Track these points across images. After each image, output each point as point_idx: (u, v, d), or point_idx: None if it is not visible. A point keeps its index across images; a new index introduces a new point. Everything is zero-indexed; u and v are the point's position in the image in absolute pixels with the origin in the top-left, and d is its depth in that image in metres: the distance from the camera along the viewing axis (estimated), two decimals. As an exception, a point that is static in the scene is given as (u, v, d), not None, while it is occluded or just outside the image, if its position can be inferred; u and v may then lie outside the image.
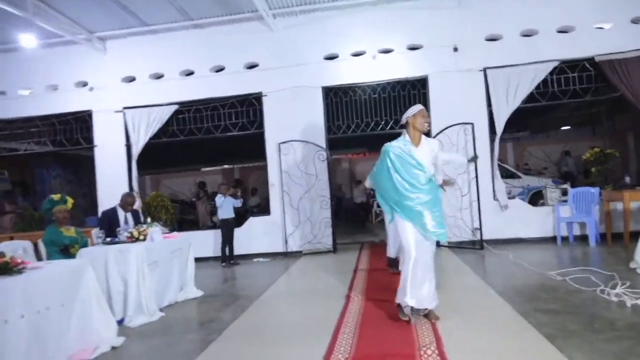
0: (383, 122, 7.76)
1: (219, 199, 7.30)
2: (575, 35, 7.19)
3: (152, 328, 4.08)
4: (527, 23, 7.31)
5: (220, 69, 8.11)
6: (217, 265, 7.40)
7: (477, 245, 7.11)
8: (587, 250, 6.31)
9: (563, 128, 14.98)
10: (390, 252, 5.79)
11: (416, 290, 3.52)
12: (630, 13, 7.06)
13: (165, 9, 7.40)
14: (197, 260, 5.57)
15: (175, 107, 8.11)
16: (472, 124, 7.06)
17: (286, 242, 7.72)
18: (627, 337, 2.95)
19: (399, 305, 3.64)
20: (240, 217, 8.34)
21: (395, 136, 3.82)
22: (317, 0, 7.48)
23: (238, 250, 7.62)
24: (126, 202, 5.63)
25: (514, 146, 15.58)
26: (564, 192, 7.88)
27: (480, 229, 7.03)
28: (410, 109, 3.66)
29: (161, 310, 4.54)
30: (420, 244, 3.56)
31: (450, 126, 7.20)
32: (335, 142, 8.37)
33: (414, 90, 7.67)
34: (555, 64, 7.19)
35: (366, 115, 7.82)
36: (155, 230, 4.81)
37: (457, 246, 7.21)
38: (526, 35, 7.34)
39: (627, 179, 6.67)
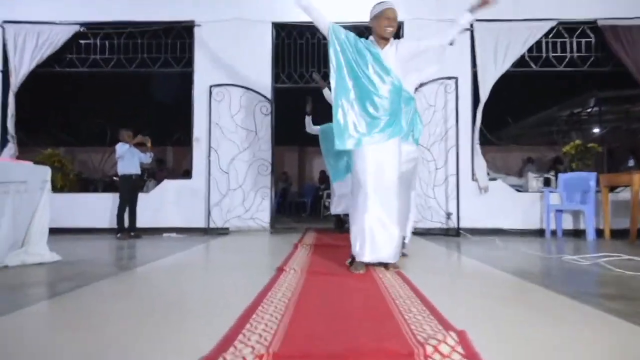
0: (345, 75, 6.22)
1: (121, 148, 5.39)
2: (577, -7, 6.09)
3: None
4: (523, -27, 6.12)
5: (142, -14, 6.26)
6: (111, 237, 5.45)
7: (451, 232, 5.69)
8: (587, 244, 5.04)
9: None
10: (337, 209, 5.33)
11: (375, 243, 2.75)
12: (637, -25, 6.06)
13: None
14: (86, 231, 3.73)
15: (77, 28, 6.14)
16: (455, 78, 5.68)
17: (209, 214, 5.90)
18: None
19: (352, 258, 2.90)
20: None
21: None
22: None
23: (142, 221, 5.72)
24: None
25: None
26: (547, 182, 6.67)
27: (458, 212, 5.61)
28: (373, 7, 2.90)
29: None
30: (382, 170, 2.78)
31: (428, 82, 5.78)
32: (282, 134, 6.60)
33: (386, 39, 6.20)
34: (552, 24, 6.03)
35: (325, 65, 6.25)
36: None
37: (426, 232, 5.74)
38: (521, -13, 6.14)
39: (631, 162, 5.55)
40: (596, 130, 16.17)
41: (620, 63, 6.01)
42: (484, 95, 5.98)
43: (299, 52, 6.25)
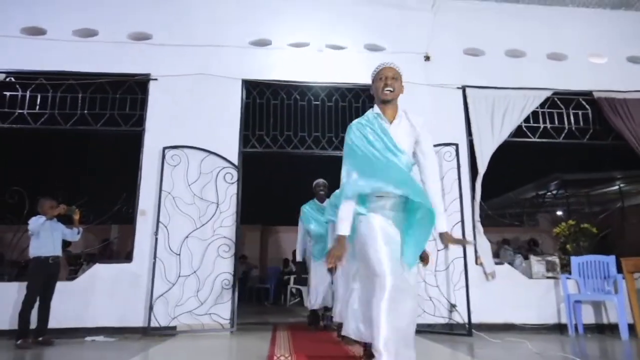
0: (325, 140, 5.40)
1: (34, 222, 4.11)
2: (568, 65, 5.77)
3: None
4: (513, 42, 5.79)
5: (90, 34, 5.37)
6: (9, 345, 3.95)
7: (458, 329, 4.61)
8: (632, 345, 4.09)
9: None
10: (312, 304, 4.90)
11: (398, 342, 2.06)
12: (625, 51, 5.88)
13: None
14: None
15: (1, 77, 5.08)
16: (455, 145, 4.96)
17: (150, 309, 4.54)
18: None
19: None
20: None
21: (340, 159, 2.51)
22: (251, -36, 5.40)
23: (60, 320, 4.30)
24: None
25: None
26: (552, 267, 5.84)
27: (468, 304, 4.56)
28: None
29: None
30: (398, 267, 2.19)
31: (422, 150, 5.04)
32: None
33: (371, 102, 5.52)
34: (548, 94, 5.60)
35: (302, 127, 5.42)
36: None
37: (428, 330, 4.62)
38: (512, 56, 5.78)
39: (654, 244, 4.86)
40: (559, 212, 16.22)
41: (620, 136, 5.59)
42: (482, 166, 5.28)
43: (272, 114, 5.42)
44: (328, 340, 4.17)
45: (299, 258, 5.25)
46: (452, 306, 4.76)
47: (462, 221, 4.75)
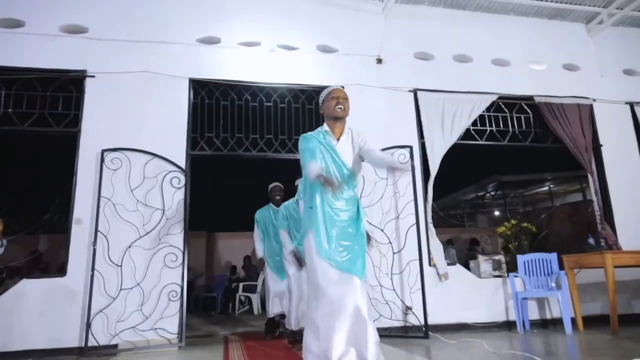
0: (278, 142, 5.23)
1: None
2: (511, 70, 6.01)
3: None
4: (460, 48, 5.94)
5: (15, 24, 4.85)
6: None
7: (414, 331, 4.60)
8: (577, 339, 4.27)
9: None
10: (273, 310, 4.74)
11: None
12: (561, 58, 6.22)
13: None
14: None
15: None
16: (410, 147, 4.98)
17: (88, 327, 4.13)
18: None
19: None
20: None
21: (294, 162, 3.05)
22: (198, -43, 5.13)
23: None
24: None
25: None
26: (498, 265, 6.04)
27: (425, 306, 4.56)
28: (321, 95, 2.76)
29: None
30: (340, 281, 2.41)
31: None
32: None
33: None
34: (494, 98, 5.79)
35: (254, 130, 5.22)
36: None
37: (385, 334, 4.57)
38: (460, 61, 5.93)
39: (592, 241, 5.11)
40: (497, 213, 17.09)
41: (558, 139, 5.89)
42: (433, 168, 5.35)
43: (222, 115, 5.17)
44: (282, 349, 4.01)
45: (260, 254, 4.97)
46: (408, 308, 4.75)
47: (417, 223, 4.76)
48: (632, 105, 6.20)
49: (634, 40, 6.52)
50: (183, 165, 4.78)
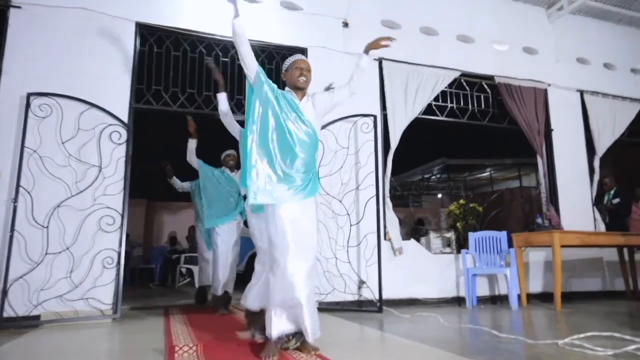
0: (234, 102, 4.82)
1: None
2: (475, 48, 5.96)
3: None
4: (427, 20, 5.78)
5: None
6: None
7: (367, 306, 4.49)
8: (522, 314, 4.35)
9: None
10: (202, 280, 4.98)
11: (294, 315, 2.39)
12: (522, 41, 6.26)
13: None
14: None
15: None
16: (374, 116, 4.77)
17: (4, 296, 3.61)
18: None
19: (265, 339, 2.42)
20: None
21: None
22: None
23: None
24: None
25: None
26: (448, 243, 6.09)
27: (380, 280, 4.43)
28: (284, 62, 2.76)
29: None
30: (300, 230, 2.46)
31: (337, 120, 4.76)
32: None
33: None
34: (456, 74, 5.72)
35: (207, 86, 4.77)
36: None
37: (337, 308, 4.43)
38: (426, 33, 5.77)
39: (539, 220, 5.24)
40: (439, 195, 17.62)
41: (514, 120, 5.96)
42: (394, 140, 5.21)
43: (173, 67, 4.67)
44: (230, 323, 3.74)
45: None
46: (362, 282, 4.63)
47: (377, 195, 4.60)
48: (582, 92, 6.40)
49: (589, 30, 6.70)
50: (125, 119, 4.26)
